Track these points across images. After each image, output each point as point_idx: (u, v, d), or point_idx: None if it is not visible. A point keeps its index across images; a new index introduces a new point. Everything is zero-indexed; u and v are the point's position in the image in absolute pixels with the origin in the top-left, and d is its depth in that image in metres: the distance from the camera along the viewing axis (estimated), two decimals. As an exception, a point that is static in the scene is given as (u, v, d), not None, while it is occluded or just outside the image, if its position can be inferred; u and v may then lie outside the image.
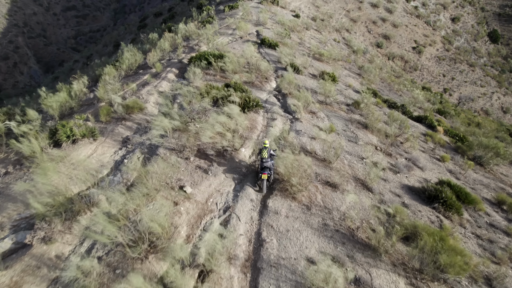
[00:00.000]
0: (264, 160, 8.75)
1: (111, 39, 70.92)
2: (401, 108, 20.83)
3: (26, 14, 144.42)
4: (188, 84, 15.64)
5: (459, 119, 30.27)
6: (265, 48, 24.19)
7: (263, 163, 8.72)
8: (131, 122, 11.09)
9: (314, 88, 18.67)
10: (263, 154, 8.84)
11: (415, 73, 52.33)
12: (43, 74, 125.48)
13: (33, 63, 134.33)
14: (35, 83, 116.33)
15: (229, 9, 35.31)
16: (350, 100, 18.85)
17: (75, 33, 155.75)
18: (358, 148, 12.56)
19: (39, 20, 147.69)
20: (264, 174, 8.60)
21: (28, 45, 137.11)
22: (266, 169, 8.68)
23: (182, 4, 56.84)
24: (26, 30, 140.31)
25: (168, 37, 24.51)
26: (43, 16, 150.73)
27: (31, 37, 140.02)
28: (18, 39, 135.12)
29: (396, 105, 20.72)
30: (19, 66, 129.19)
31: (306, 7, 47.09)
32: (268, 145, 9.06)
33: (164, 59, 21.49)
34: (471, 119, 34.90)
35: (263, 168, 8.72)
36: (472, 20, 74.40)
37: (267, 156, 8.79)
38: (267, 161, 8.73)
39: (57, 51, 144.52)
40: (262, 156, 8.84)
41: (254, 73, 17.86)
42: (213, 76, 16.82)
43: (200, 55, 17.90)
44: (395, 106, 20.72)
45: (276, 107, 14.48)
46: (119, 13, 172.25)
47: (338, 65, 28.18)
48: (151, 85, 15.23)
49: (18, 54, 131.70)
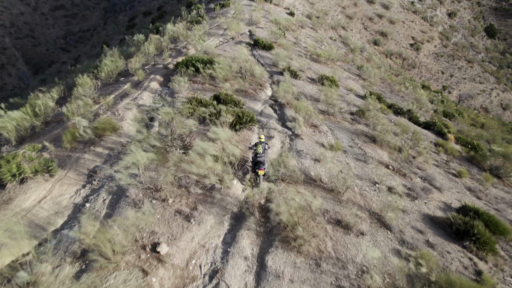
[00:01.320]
0: (259, 155, 8.76)
1: (99, 39, 68.63)
2: (407, 114, 19.23)
3: (13, 14, 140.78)
4: (172, 95, 13.85)
5: (463, 121, 28.83)
6: (259, 50, 22.42)
7: (257, 157, 8.72)
8: (102, 148, 9.30)
9: (313, 94, 16.97)
10: (258, 149, 8.86)
11: (413, 71, 50.88)
12: (32, 75, 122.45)
13: (22, 65, 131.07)
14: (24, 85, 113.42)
15: (220, 8, 33.41)
16: (353, 107, 17.19)
17: (64, 33, 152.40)
18: (368, 169, 10.90)
19: (27, 20, 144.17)
20: (261, 170, 8.58)
21: (15, 46, 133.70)
22: (261, 165, 8.66)
23: (172, 2, 54.69)
24: (13, 31, 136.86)
25: (154, 40, 22.62)
26: (31, 16, 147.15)
27: (18, 38, 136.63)
28: (5, 40, 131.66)
29: (402, 111, 19.11)
30: (7, 67, 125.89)
31: (300, 4, 45.30)
32: (263, 140, 9.18)
33: (148, 64, 19.65)
34: (475, 120, 33.52)
35: (257, 163, 8.72)
36: (469, 15, 73.11)
37: (261, 151, 8.84)
38: (261, 156, 8.75)
39: (46, 52, 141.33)
40: (257, 151, 8.85)
41: (247, 79, 16.10)
42: (201, 85, 15.03)
43: (187, 60, 16.09)
44: (401, 112, 19.11)
45: (272, 120, 12.75)
46: (109, 12, 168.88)
47: (337, 66, 26.50)
48: (130, 97, 13.41)
49: (6, 55, 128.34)
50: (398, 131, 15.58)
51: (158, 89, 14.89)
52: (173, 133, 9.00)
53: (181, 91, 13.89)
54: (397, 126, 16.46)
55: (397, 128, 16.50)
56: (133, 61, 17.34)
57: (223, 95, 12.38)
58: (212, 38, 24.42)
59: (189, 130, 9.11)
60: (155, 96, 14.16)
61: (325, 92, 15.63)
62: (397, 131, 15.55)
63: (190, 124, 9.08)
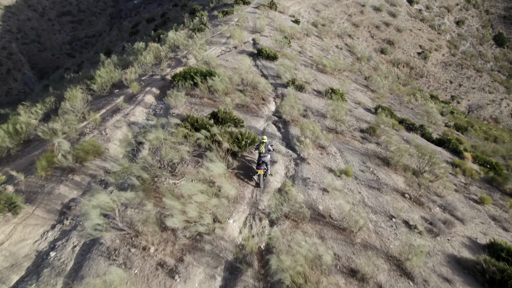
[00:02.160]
0: (262, 154, 8.82)
1: (103, 46, 68.31)
2: (419, 130, 18.01)
3: (20, 20, 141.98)
4: (167, 111, 12.78)
5: (476, 134, 27.49)
6: (262, 60, 21.37)
7: (261, 157, 8.80)
8: (82, 175, 8.20)
9: (320, 109, 15.83)
10: (260, 149, 8.86)
11: (421, 80, 49.61)
12: (37, 80, 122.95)
13: (27, 70, 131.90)
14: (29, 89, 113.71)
15: (223, 15, 32.54)
16: (363, 123, 16.01)
17: (70, 38, 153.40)
18: (383, 199, 9.68)
19: (34, 25, 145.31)
20: (260, 169, 8.63)
21: (22, 51, 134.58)
22: (263, 164, 8.70)
23: (176, 9, 54.11)
24: (20, 36, 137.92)
25: (153, 49, 21.67)
26: (38, 21, 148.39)
27: (25, 43, 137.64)
28: (12, 45, 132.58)
29: (415, 127, 17.89)
30: (13, 72, 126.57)
31: (306, 12, 44.39)
32: (266, 141, 9.11)
33: (146, 75, 18.66)
34: (487, 132, 32.15)
35: (260, 163, 8.75)
36: (477, 23, 71.88)
37: (264, 151, 8.85)
38: (265, 156, 8.81)
39: (51, 57, 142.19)
40: (259, 151, 8.87)
41: (249, 93, 15.01)
42: (199, 99, 13.95)
43: (185, 72, 15.04)
44: (414, 127, 17.89)
45: (276, 141, 11.61)
46: (115, 18, 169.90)
47: (344, 77, 25.38)
48: (121, 113, 12.36)
49: (12, 60, 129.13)
50: (412, 151, 14.37)
51: (153, 104, 13.83)
52: (161, 162, 7.88)
53: (177, 107, 12.81)
54: (411, 145, 15.26)
55: (411, 147, 15.29)
56: (129, 72, 16.35)
57: (222, 112, 11.27)
58: (214, 47, 23.44)
59: (180, 158, 7.99)
60: (149, 111, 13.10)
61: (333, 108, 14.49)
62: (411, 151, 14.34)
63: (182, 151, 7.96)
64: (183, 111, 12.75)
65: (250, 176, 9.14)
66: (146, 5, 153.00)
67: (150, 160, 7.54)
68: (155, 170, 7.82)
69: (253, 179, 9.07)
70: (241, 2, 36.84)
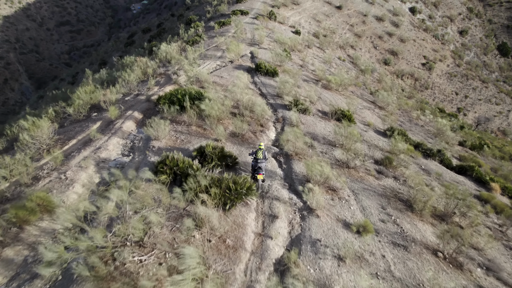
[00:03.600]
0: (259, 160, 9.06)
1: (98, 56, 66.87)
2: (438, 156, 15.99)
3: (19, 30, 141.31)
4: (147, 143, 10.76)
5: (491, 152, 25.47)
6: (261, 76, 19.45)
7: (258, 163, 9.05)
8: (18, 248, 6.13)
9: (327, 135, 13.82)
10: (258, 155, 9.11)
11: (426, 92, 47.80)
12: (35, 90, 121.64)
13: (25, 79, 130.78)
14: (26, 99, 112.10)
15: (219, 26, 30.79)
16: (376, 150, 13.99)
17: (69, 48, 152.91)
18: (412, 264, 7.60)
19: (32, 35, 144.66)
20: (260, 174, 9.00)
21: (19, 61, 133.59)
22: (260, 170, 9.02)
23: (172, 19, 52.55)
24: (18, 46, 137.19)
25: (141, 64, 19.76)
26: (36, 31, 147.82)
27: (23, 53, 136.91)
28: (10, 55, 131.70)
29: (432, 152, 15.87)
30: (10, 82, 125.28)
31: (306, 22, 42.76)
32: (263, 147, 9.31)
33: (131, 94, 16.71)
34: (502, 150, 30.12)
35: (256, 169, 9.06)
36: (480, 33, 70.48)
37: (262, 157, 9.10)
38: (262, 162, 9.08)
39: (49, 67, 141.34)
40: (257, 156, 9.11)
41: (245, 118, 13.02)
42: (186, 127, 11.94)
43: (172, 94, 13.07)
44: (431, 153, 15.87)
45: (277, 183, 9.56)
46: (114, 28, 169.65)
47: (349, 93, 23.48)
48: (92, 147, 10.34)
49: (9, 70, 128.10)
50: (434, 184, 12.33)
51: (133, 133, 11.81)
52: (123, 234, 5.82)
53: (160, 138, 10.80)
54: (432, 176, 13.23)
55: (432, 179, 13.27)
56: (109, 93, 14.38)
57: (210, 148, 9.25)
58: (209, 61, 21.56)
59: (148, 228, 5.94)
60: (127, 143, 11.07)
61: (342, 135, 12.50)
62: (433, 185, 12.30)
63: (152, 217, 5.91)
64: (166, 143, 10.74)
65: (243, 242, 7.07)
66: (145, 14, 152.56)
67: (101, 237, 5.45)
68: (117, 242, 5.76)
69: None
70: (239, 13, 35.18)
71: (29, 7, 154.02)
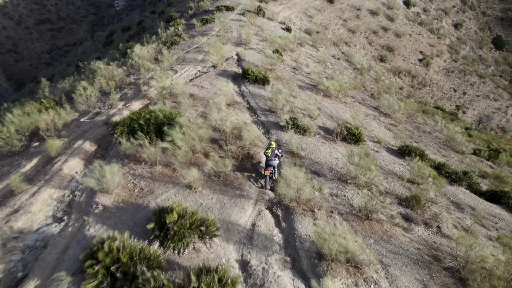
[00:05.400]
0: (269, 158, 9.02)
1: (75, 57, 62.67)
2: (465, 180, 13.24)
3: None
4: (92, 198, 7.65)
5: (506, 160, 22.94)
6: (249, 85, 16.38)
7: (268, 161, 9.02)
8: None
9: (335, 165, 10.88)
10: (267, 152, 9.08)
11: (424, 90, 45.35)
12: (14, 92, 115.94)
13: (3, 81, 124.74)
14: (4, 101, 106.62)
15: (202, 24, 27.49)
16: (395, 181, 11.14)
17: (50, 47, 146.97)
18: None
19: (9, 34, 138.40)
20: (267, 170, 8.91)
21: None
22: (270, 167, 8.94)
23: (153, 17, 48.76)
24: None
25: (105, 73, 16.48)
26: (14, 30, 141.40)
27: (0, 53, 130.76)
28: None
29: (458, 177, 13.10)
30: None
31: (297, 18, 39.69)
32: (274, 145, 9.32)
33: (89, 113, 13.52)
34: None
35: (267, 165, 8.98)
36: (475, 26, 68.44)
37: (270, 155, 9.02)
38: (271, 159, 9.01)
39: (29, 67, 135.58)
40: (266, 154, 9.08)
41: (230, 148, 10.00)
42: (149, 168, 8.84)
43: (132, 119, 9.94)
44: (457, 177, 13.10)
45: (274, 260, 6.58)
46: (97, 25, 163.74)
47: (350, 99, 20.62)
48: (6, 209, 7.20)
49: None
50: (468, 222, 9.55)
51: (76, 177, 8.67)
52: None
53: (109, 190, 7.70)
54: (466, 214, 10.45)
55: (466, 216, 10.51)
56: (51, 114, 11.12)
57: (174, 216, 6.20)
58: (188, 66, 18.40)
59: None
60: (64, 196, 7.94)
61: (356, 167, 9.59)
62: (466, 221, 9.52)
63: None
64: (118, 197, 7.66)
65: None
66: (129, 11, 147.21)
67: None
68: None
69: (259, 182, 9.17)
70: (223, 8, 31.89)
71: (5, 4, 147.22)
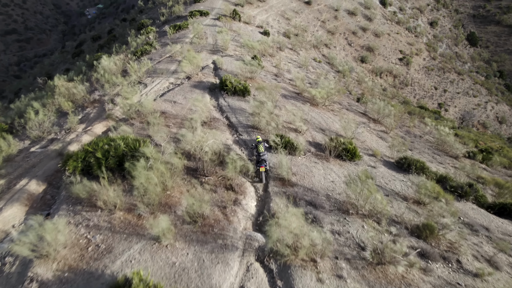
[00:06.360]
0: (262, 153, 9.38)
1: (43, 70, 59.32)
2: (471, 194, 12.02)
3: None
4: (24, 273, 5.79)
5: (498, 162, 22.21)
6: (228, 98, 14.73)
7: (260, 156, 9.35)
8: None
9: (331, 191, 9.36)
10: (259, 148, 9.46)
11: (406, 89, 44.95)
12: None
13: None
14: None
15: (175, 31, 25.68)
16: (399, 203, 9.75)
17: (18, 59, 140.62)
18: None
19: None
20: (262, 167, 9.19)
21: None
22: (263, 162, 9.32)
23: (124, 24, 46.32)
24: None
25: (63, 90, 14.45)
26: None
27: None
28: None
29: (464, 191, 11.88)
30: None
31: (275, 21, 38.39)
32: (261, 139, 9.86)
33: (42, 140, 11.54)
34: (503, 152, 27.25)
35: (260, 161, 9.32)
36: (449, 23, 69.38)
37: (263, 150, 9.48)
38: (264, 154, 9.42)
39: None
40: (259, 150, 9.44)
41: (208, 178, 8.33)
42: (108, 215, 7.05)
43: (87, 152, 8.10)
44: (463, 192, 11.88)
45: None
46: (68, 35, 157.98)
47: (337, 106, 19.31)
48: None
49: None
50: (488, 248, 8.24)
51: (10, 236, 6.76)
52: None
53: (52, 254, 5.88)
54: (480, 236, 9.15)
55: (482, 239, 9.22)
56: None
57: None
58: (159, 79, 16.59)
59: None
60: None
61: (357, 195, 8.11)
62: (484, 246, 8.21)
63: None
64: (64, 262, 5.85)
65: None
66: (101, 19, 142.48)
67: None
68: None
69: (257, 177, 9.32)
70: (197, 14, 30.15)
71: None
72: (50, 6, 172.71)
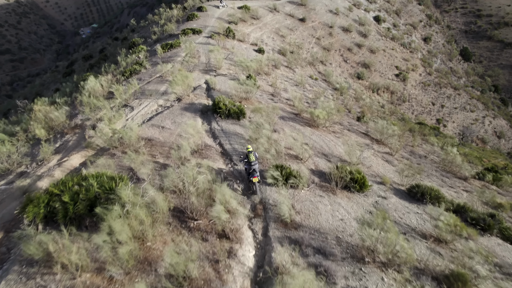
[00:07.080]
0: (253, 163, 9.03)
1: (33, 90, 58.11)
2: (495, 228, 10.75)
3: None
4: None
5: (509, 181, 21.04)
6: (221, 121, 13.51)
7: (252, 166, 9.01)
8: None
9: (341, 231, 8.04)
10: (250, 158, 9.10)
11: (404, 105, 44.23)
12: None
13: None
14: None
15: (166, 50, 24.70)
16: (418, 242, 8.44)
17: (11, 78, 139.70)
18: None
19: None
20: (255, 177, 8.89)
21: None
22: (255, 172, 8.93)
23: (115, 43, 45.55)
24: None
25: (40, 116, 13.15)
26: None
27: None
28: None
29: (488, 224, 10.63)
30: None
31: (269, 38, 37.77)
32: (251, 149, 9.43)
33: (11, 173, 10.18)
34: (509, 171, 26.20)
35: (251, 172, 8.98)
36: (442, 39, 69.79)
37: (254, 159, 9.08)
38: (255, 164, 9.05)
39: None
40: (250, 160, 9.08)
41: (198, 222, 7.00)
42: (70, 280, 5.66)
43: (52, 194, 6.76)
44: (486, 225, 10.62)
45: None
46: (62, 54, 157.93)
47: (338, 127, 18.17)
48: None
49: None
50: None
51: None
52: None
53: None
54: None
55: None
56: None
57: None
58: (148, 101, 15.40)
59: None
60: None
61: (373, 239, 6.81)
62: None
63: None
64: None
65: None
66: (95, 38, 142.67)
67: None
68: None
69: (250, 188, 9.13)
70: (190, 32, 29.32)
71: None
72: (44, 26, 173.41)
